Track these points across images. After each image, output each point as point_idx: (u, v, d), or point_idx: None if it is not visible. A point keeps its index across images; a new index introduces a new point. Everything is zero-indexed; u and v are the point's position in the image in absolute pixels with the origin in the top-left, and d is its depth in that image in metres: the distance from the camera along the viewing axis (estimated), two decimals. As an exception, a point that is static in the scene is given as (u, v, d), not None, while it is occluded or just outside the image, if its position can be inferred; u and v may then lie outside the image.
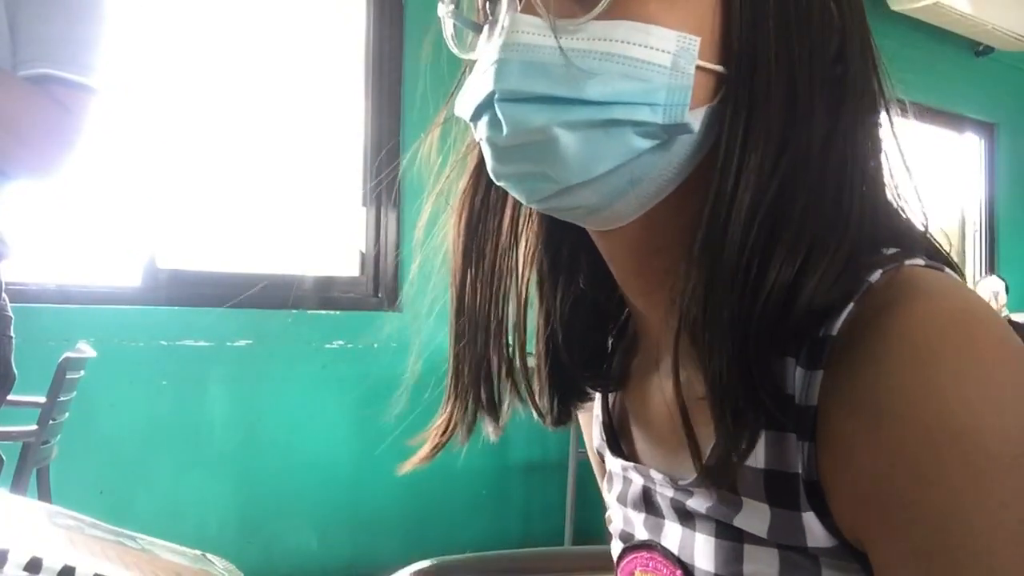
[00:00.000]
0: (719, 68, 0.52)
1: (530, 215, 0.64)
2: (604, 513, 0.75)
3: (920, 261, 0.51)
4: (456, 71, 0.62)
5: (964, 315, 0.47)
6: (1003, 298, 4.83)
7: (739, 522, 0.53)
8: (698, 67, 0.51)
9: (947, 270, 0.52)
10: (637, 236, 0.56)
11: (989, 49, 5.61)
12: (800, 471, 0.50)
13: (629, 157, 0.51)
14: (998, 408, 0.44)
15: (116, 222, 2.99)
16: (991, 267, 5.92)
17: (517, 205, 0.64)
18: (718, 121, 0.52)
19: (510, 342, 0.64)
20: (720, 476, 0.52)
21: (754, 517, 0.52)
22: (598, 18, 0.50)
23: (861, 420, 0.46)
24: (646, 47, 0.50)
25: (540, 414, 0.66)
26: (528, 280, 0.65)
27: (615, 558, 0.67)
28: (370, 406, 3.50)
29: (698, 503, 0.56)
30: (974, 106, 5.82)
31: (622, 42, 0.50)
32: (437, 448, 0.65)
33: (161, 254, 3.01)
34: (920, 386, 0.45)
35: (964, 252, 5.96)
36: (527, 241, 0.65)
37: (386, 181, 3.41)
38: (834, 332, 0.49)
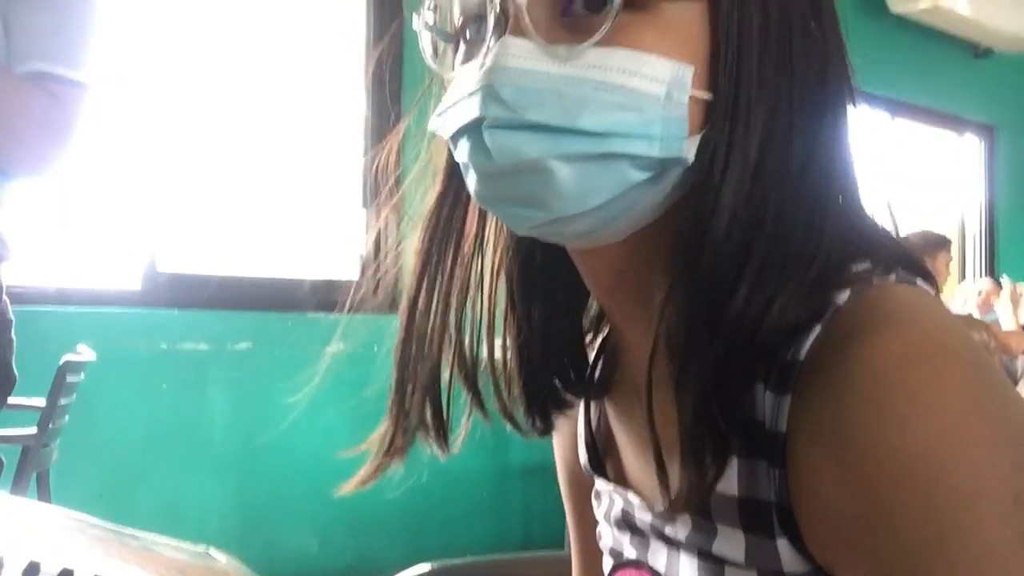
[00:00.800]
0: (708, 96, 0.51)
1: (501, 226, 0.63)
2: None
3: (891, 277, 0.51)
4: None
5: (929, 344, 0.46)
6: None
7: (716, 549, 0.53)
8: (691, 97, 0.50)
9: (919, 281, 0.52)
10: (618, 256, 0.55)
11: (988, 51, 5.62)
12: (772, 499, 0.50)
13: (624, 189, 0.50)
14: (960, 441, 0.44)
15: (116, 225, 2.99)
16: (990, 269, 5.92)
17: (484, 215, 0.63)
18: (705, 148, 0.51)
19: (471, 353, 0.63)
20: (688, 504, 0.52)
21: (730, 544, 0.52)
22: (592, 45, 0.49)
23: (826, 450, 0.46)
24: (641, 76, 0.48)
25: (516, 425, 0.65)
26: (496, 289, 0.64)
27: (606, 574, 0.67)
28: (370, 409, 3.50)
29: (675, 531, 0.56)
30: (974, 108, 5.82)
31: (618, 71, 0.48)
32: (380, 468, 0.65)
33: (161, 257, 3.01)
34: (883, 419, 0.45)
35: (964, 254, 5.96)
36: (497, 250, 0.64)
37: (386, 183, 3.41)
38: (801, 356, 0.48)
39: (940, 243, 4.10)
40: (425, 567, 0.99)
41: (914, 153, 5.57)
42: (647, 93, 0.48)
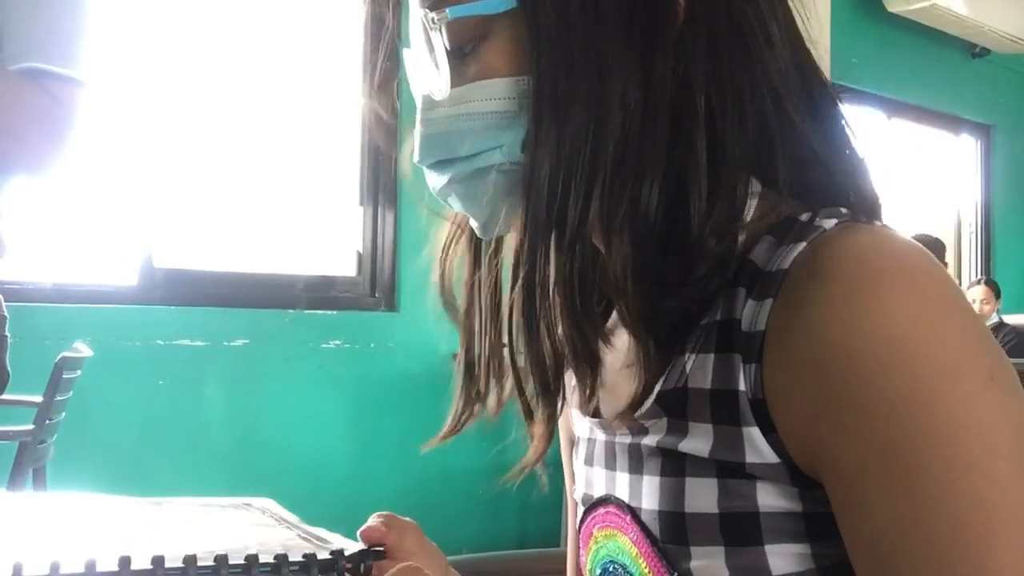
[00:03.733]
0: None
1: None
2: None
3: (876, 222, 0.56)
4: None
5: (901, 243, 0.52)
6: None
7: (684, 446, 0.56)
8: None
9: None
10: None
11: (985, 51, 5.62)
12: (743, 388, 0.53)
13: (504, 191, 0.59)
14: (937, 321, 0.48)
15: (113, 221, 2.99)
16: (987, 269, 5.93)
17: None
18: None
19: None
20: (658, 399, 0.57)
21: (699, 439, 0.55)
22: (456, 85, 0.58)
23: (809, 339, 0.50)
24: (493, 99, 0.57)
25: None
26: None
27: (577, 525, 0.70)
28: (367, 406, 3.51)
29: (651, 439, 0.59)
30: (970, 108, 5.83)
31: (479, 101, 0.58)
32: (458, 428, 0.72)
33: (158, 253, 3.01)
34: (863, 300, 0.48)
35: (960, 254, 5.97)
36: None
37: (383, 180, 3.41)
38: (786, 266, 0.52)
39: (935, 248, 4.10)
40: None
41: (911, 153, 5.58)
42: (501, 111, 0.57)
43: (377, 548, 0.67)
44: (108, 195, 2.95)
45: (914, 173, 5.61)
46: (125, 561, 0.53)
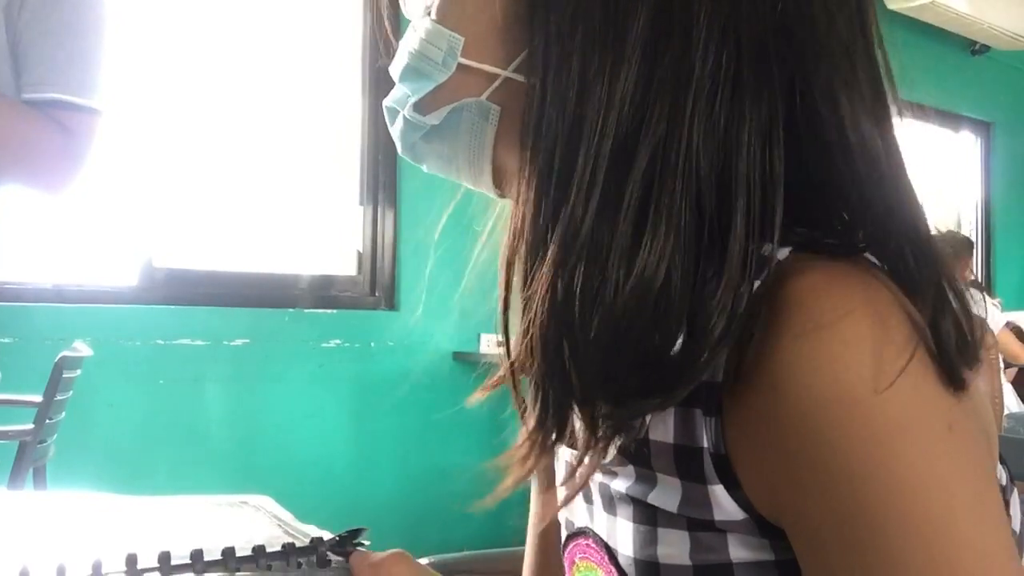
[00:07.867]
0: (489, 68, 0.55)
1: None
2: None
3: (821, 251, 0.51)
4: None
5: (855, 284, 0.48)
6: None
7: (653, 499, 0.54)
8: (466, 66, 0.55)
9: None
10: None
11: (985, 48, 5.62)
12: (706, 445, 0.51)
13: (413, 138, 0.59)
14: (890, 367, 0.46)
15: (113, 221, 2.99)
16: (987, 266, 5.93)
17: None
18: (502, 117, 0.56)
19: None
20: (624, 451, 0.55)
21: (666, 492, 0.53)
22: (434, 19, 0.56)
23: (762, 394, 0.48)
24: (432, 45, 0.56)
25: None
26: None
27: (561, 548, 0.69)
28: (367, 405, 3.51)
29: (620, 484, 0.57)
30: (970, 105, 5.83)
31: (423, 41, 0.57)
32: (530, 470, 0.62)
33: (158, 253, 3.01)
34: (812, 357, 0.46)
35: (960, 251, 5.96)
36: None
37: (383, 180, 3.41)
38: (740, 309, 0.49)
39: (961, 246, 4.08)
40: (423, 561, 0.99)
41: (910, 150, 5.57)
42: (432, 59, 0.56)
43: (358, 528, 0.66)
44: (108, 195, 2.95)
45: (913, 171, 5.60)
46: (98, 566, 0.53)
